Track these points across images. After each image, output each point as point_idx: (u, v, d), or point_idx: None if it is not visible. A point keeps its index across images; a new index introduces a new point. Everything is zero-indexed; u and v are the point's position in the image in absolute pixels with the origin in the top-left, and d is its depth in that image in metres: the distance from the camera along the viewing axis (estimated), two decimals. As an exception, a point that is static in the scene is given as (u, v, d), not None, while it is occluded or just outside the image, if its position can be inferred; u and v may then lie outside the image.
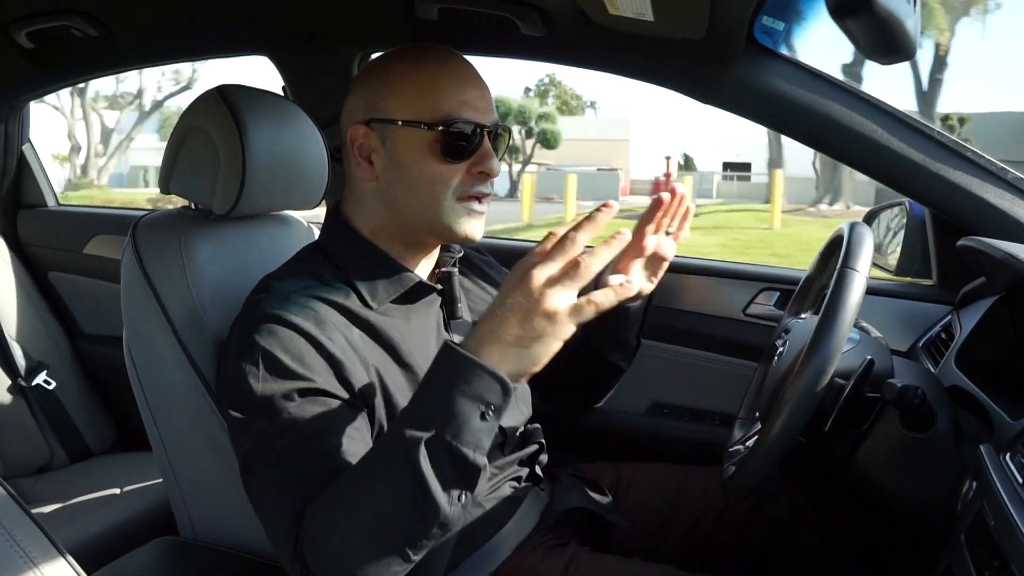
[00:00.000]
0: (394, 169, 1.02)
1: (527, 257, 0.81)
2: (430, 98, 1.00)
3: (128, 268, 1.23)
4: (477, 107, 1.02)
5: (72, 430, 2.01)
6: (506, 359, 0.80)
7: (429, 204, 1.02)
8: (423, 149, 1.00)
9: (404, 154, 1.01)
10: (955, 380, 1.18)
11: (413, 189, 1.02)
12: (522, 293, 0.79)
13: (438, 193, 1.01)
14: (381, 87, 1.03)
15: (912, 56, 0.89)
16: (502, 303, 0.80)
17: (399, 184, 1.03)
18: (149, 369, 1.23)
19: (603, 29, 1.33)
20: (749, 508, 1.30)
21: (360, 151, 1.04)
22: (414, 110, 1.00)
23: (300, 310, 0.96)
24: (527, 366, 0.81)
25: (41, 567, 0.68)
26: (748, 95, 1.36)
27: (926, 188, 1.32)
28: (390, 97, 1.02)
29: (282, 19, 1.65)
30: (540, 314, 0.78)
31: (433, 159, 1.00)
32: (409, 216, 1.04)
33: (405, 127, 1.00)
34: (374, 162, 1.04)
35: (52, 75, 1.91)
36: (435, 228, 1.04)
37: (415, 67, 1.02)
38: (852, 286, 0.98)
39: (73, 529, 1.57)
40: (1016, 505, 0.78)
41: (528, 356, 0.80)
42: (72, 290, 2.22)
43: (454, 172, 1.01)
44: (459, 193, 1.02)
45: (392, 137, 1.01)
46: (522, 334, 0.79)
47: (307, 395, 0.92)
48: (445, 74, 1.02)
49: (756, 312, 1.67)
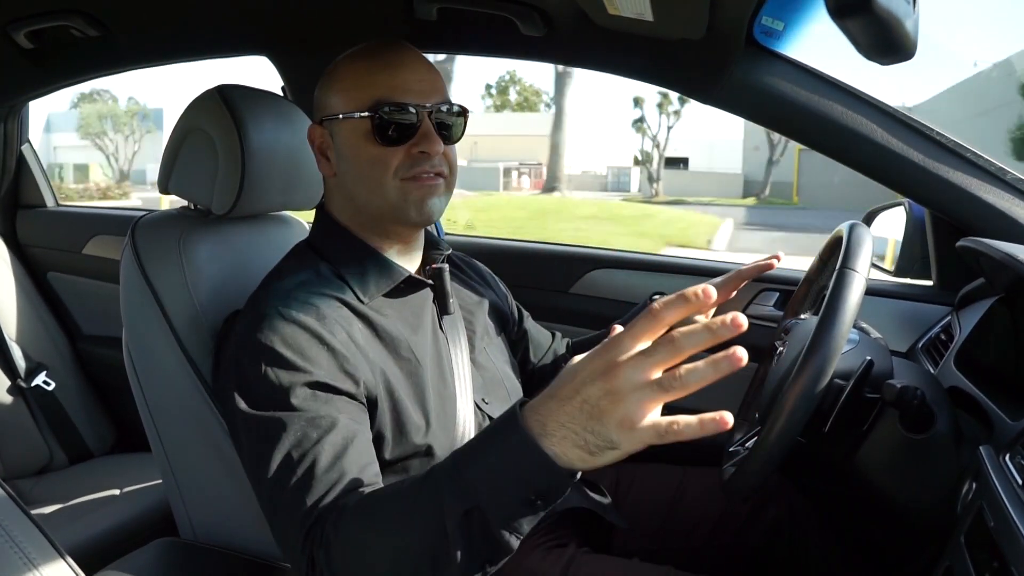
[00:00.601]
0: (342, 161, 1.08)
1: (621, 338, 0.68)
2: (362, 87, 1.05)
3: (127, 268, 1.23)
4: (413, 90, 1.04)
5: (71, 431, 2.01)
6: (567, 451, 0.71)
7: (374, 188, 1.05)
8: (360, 137, 1.04)
9: (346, 145, 1.06)
10: (954, 381, 1.18)
11: (359, 176, 1.07)
12: (602, 392, 0.68)
13: (379, 176, 1.04)
14: (327, 87, 1.09)
15: (911, 56, 0.88)
16: (578, 387, 0.69)
17: (348, 174, 1.08)
18: (148, 370, 1.23)
19: (603, 29, 1.33)
20: (749, 509, 1.30)
21: (320, 149, 1.11)
22: (350, 102, 1.05)
23: (301, 306, 0.98)
24: (583, 464, 0.72)
25: (41, 568, 0.68)
26: (748, 95, 1.36)
27: (925, 189, 1.32)
28: (332, 95, 1.08)
29: (281, 20, 1.65)
30: (615, 422, 0.68)
31: (371, 144, 1.04)
32: (363, 203, 1.08)
33: (344, 119, 1.05)
34: (330, 158, 1.09)
35: (51, 75, 1.91)
36: (388, 212, 1.07)
37: (352, 62, 1.08)
38: (852, 287, 0.98)
39: (73, 530, 1.57)
40: (1016, 506, 0.78)
41: (588, 460, 0.71)
42: (71, 291, 2.22)
43: (393, 154, 1.04)
44: (401, 174, 1.04)
45: (337, 131, 1.07)
46: (590, 440, 0.69)
47: (312, 389, 0.93)
48: (377, 63, 1.06)
49: (755, 312, 1.67)
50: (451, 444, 1.05)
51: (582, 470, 0.73)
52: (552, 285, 1.85)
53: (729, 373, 0.65)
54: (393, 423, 1.01)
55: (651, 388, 0.66)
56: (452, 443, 1.05)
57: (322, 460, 0.89)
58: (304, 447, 0.90)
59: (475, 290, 1.28)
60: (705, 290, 0.66)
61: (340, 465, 0.89)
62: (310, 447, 0.90)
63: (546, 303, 1.59)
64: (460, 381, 1.11)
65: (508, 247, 2.03)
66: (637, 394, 0.67)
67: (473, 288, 1.28)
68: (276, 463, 0.90)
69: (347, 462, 0.90)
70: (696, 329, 0.66)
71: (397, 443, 1.01)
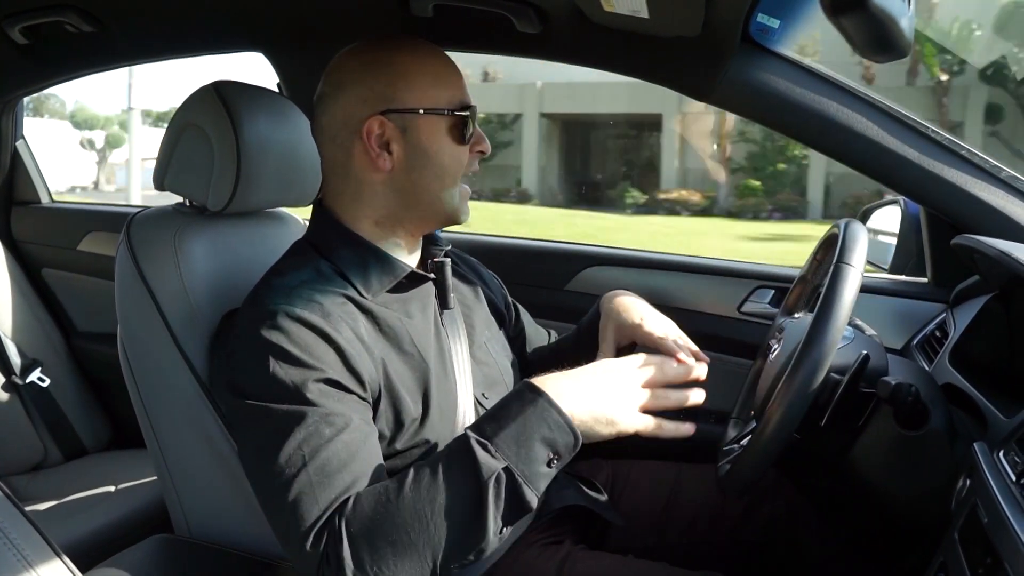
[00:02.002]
0: (418, 156, 1.05)
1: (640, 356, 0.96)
2: (442, 86, 1.06)
3: (122, 265, 1.23)
4: (468, 93, 1.09)
5: (66, 428, 2.01)
6: (574, 413, 0.89)
7: (449, 186, 1.08)
8: (442, 134, 1.06)
9: (428, 140, 1.05)
10: (949, 378, 1.18)
11: (438, 173, 1.07)
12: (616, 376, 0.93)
13: (457, 174, 1.08)
14: (392, 79, 1.04)
15: (906, 54, 0.89)
16: (595, 369, 0.94)
17: (424, 170, 1.06)
18: (143, 366, 1.22)
19: (598, 26, 1.33)
20: (745, 506, 1.30)
21: (377, 142, 1.04)
22: (432, 98, 1.05)
23: (305, 303, 0.98)
24: (585, 430, 0.90)
25: (35, 565, 0.67)
26: (743, 93, 1.36)
27: (921, 186, 1.32)
28: (406, 88, 1.04)
29: (277, 16, 1.65)
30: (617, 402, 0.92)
31: (453, 143, 1.06)
32: (427, 200, 1.08)
33: (427, 115, 1.04)
34: (393, 151, 1.05)
35: (46, 71, 1.90)
36: (444, 211, 1.09)
37: (421, 58, 1.07)
38: (848, 281, 0.98)
39: (67, 527, 1.57)
40: (1009, 502, 0.78)
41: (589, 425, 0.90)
42: (66, 287, 2.21)
43: (466, 153, 1.08)
44: (466, 171, 1.09)
45: (414, 126, 1.05)
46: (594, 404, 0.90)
47: (320, 386, 0.93)
48: (447, 64, 1.09)
49: (751, 310, 1.67)
50: (451, 438, 1.05)
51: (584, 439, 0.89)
52: (547, 282, 1.85)
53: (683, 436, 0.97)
54: (393, 418, 1.01)
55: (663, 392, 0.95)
56: (452, 437, 1.05)
57: (335, 459, 0.89)
58: (315, 443, 0.90)
59: (472, 286, 1.28)
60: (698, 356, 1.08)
61: (353, 465, 0.90)
62: (322, 444, 0.90)
63: (541, 300, 1.60)
64: (461, 376, 1.11)
65: (503, 244, 2.03)
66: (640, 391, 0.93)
67: (470, 284, 1.28)
68: (283, 459, 0.90)
69: (359, 462, 0.91)
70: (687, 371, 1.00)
71: (396, 438, 1.01)
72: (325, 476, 0.88)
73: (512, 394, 0.91)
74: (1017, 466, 0.84)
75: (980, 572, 0.78)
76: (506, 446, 0.86)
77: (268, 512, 0.93)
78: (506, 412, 0.89)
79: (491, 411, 0.91)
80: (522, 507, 0.86)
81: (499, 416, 0.89)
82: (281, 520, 0.91)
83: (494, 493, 0.84)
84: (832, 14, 0.82)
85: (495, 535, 0.85)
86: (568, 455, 0.88)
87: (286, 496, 0.89)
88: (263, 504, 0.94)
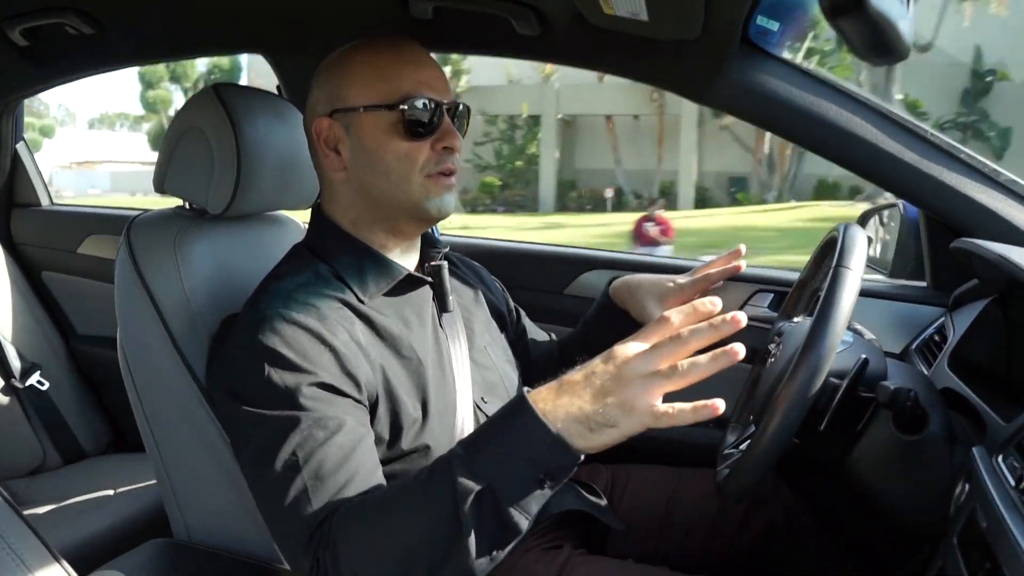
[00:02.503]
0: (362, 155, 1.05)
1: (632, 338, 0.80)
2: (388, 81, 1.04)
3: (122, 268, 1.23)
4: (434, 87, 1.05)
5: (65, 431, 2.00)
6: (569, 426, 0.79)
7: (399, 183, 1.04)
8: (387, 131, 1.03)
9: (369, 138, 1.04)
10: (948, 382, 1.18)
11: (382, 171, 1.05)
12: (610, 375, 0.78)
13: (406, 171, 1.04)
14: (340, 78, 1.06)
15: (905, 57, 0.89)
16: (588, 375, 0.80)
17: (368, 169, 1.05)
18: (143, 370, 1.22)
19: (598, 29, 1.33)
20: (744, 510, 1.30)
21: (327, 143, 1.07)
22: (374, 95, 1.04)
23: (302, 307, 0.98)
24: (583, 445, 0.79)
25: (33, 569, 0.67)
26: (743, 96, 1.36)
27: (920, 190, 1.32)
28: (350, 86, 1.05)
29: (277, 18, 1.65)
30: (618, 404, 0.77)
31: (397, 139, 1.03)
32: (382, 200, 1.06)
33: (367, 112, 1.04)
34: (341, 152, 1.07)
35: (46, 73, 1.90)
36: (409, 208, 1.06)
37: (371, 54, 1.06)
38: (847, 284, 0.98)
39: (66, 531, 1.57)
40: (1008, 507, 0.78)
41: (587, 437, 0.78)
42: (66, 290, 2.21)
43: (419, 149, 1.04)
44: (427, 170, 1.05)
45: (356, 124, 1.05)
46: (592, 414, 0.78)
47: (317, 389, 0.93)
48: (400, 57, 1.06)
49: (750, 314, 1.66)
50: (449, 442, 1.05)
51: (582, 450, 0.79)
52: (546, 286, 1.85)
53: (727, 367, 0.75)
54: (391, 422, 1.01)
55: (655, 376, 0.76)
56: (450, 441, 1.05)
57: (328, 462, 0.89)
58: (309, 447, 0.90)
59: (473, 289, 1.28)
60: (713, 301, 0.78)
61: (347, 467, 0.90)
62: (316, 448, 0.90)
63: (540, 304, 1.60)
64: (460, 379, 1.11)
65: (502, 248, 2.02)
66: (642, 381, 0.76)
67: (471, 287, 1.28)
68: (279, 462, 0.90)
69: (353, 464, 0.90)
70: (701, 327, 0.77)
71: (395, 442, 1.01)
72: (319, 480, 0.88)
73: (503, 409, 0.85)
74: (1016, 471, 0.84)
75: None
76: (488, 466, 0.80)
77: (265, 517, 0.94)
78: (493, 429, 0.84)
79: (482, 427, 0.87)
80: (509, 530, 0.80)
81: (486, 433, 0.84)
82: (278, 525, 0.91)
83: (474, 515, 0.79)
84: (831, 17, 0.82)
85: (485, 558, 0.81)
86: (564, 473, 0.81)
87: (282, 502, 0.89)
88: (261, 509, 0.94)
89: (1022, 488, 0.80)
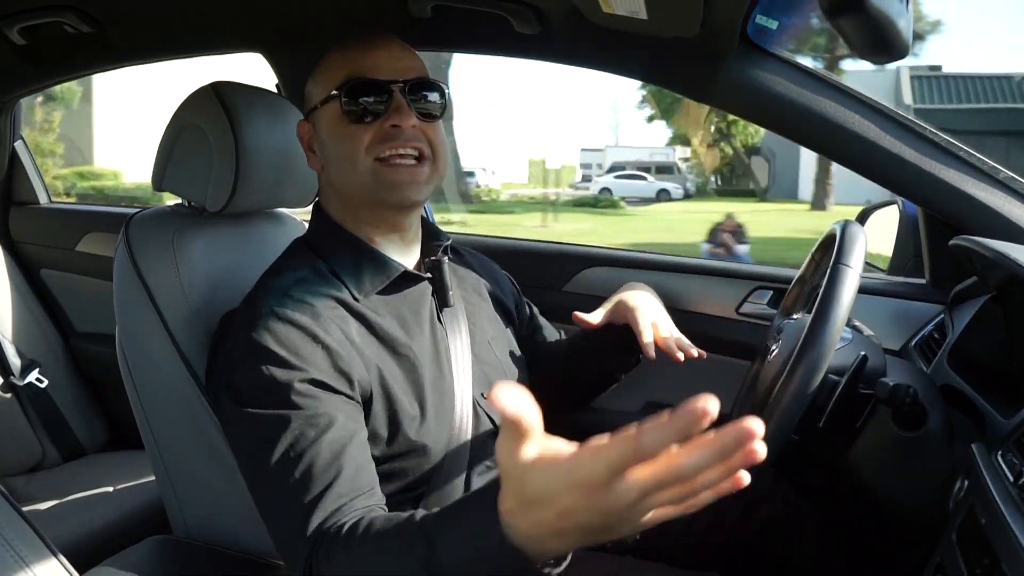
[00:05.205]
0: (324, 149, 1.08)
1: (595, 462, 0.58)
2: (333, 71, 1.05)
3: (121, 266, 1.23)
4: (384, 67, 1.04)
5: (64, 428, 2.00)
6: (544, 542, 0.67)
7: (347, 168, 1.04)
8: (335, 120, 1.04)
9: (324, 131, 1.07)
10: (947, 379, 1.18)
11: (336, 160, 1.06)
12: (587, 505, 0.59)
13: (353, 155, 1.03)
14: (310, 80, 1.10)
15: (904, 55, 0.89)
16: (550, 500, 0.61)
17: (330, 162, 1.08)
18: (142, 367, 1.22)
19: (597, 27, 1.33)
20: (744, 507, 1.30)
21: (308, 145, 1.12)
22: (324, 88, 1.06)
23: (296, 304, 0.98)
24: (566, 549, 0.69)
25: (33, 566, 0.67)
26: (742, 93, 1.36)
27: (919, 186, 1.32)
28: (313, 86, 1.09)
29: (276, 17, 1.65)
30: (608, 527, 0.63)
31: (343, 125, 1.04)
32: (346, 190, 1.07)
33: (322, 107, 1.06)
34: (315, 150, 1.10)
35: (45, 72, 1.90)
36: (366, 195, 1.05)
37: (336, 52, 1.08)
38: (846, 282, 0.99)
39: (65, 528, 1.57)
40: (1007, 503, 0.78)
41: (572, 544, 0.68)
42: (64, 288, 2.21)
43: (364, 131, 1.02)
44: (375, 153, 1.02)
45: (317, 121, 1.08)
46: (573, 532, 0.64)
47: (308, 387, 0.93)
48: (350, 47, 1.07)
49: (749, 311, 1.67)
50: (447, 440, 1.05)
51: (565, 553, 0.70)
52: (546, 283, 1.85)
53: None
54: (388, 420, 1.00)
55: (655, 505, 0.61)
56: (448, 439, 1.05)
57: (320, 459, 0.89)
58: (302, 445, 0.90)
59: (481, 282, 1.27)
60: (705, 410, 0.55)
61: (338, 464, 0.90)
62: (308, 445, 0.90)
63: (540, 301, 1.59)
64: (459, 375, 1.10)
65: (501, 244, 2.02)
66: (637, 509, 0.60)
67: (479, 280, 1.27)
68: (273, 461, 0.90)
69: (345, 461, 0.90)
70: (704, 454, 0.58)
71: (392, 440, 1.01)
72: (311, 478, 0.89)
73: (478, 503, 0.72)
74: (1015, 467, 0.84)
75: (978, 573, 0.78)
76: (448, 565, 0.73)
77: (262, 513, 0.94)
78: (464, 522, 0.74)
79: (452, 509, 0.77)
80: None
81: (454, 523, 0.75)
82: (273, 522, 0.92)
83: None
84: (830, 15, 0.82)
85: None
86: None
87: (276, 499, 0.90)
88: (258, 506, 0.95)
89: (1021, 484, 0.80)
